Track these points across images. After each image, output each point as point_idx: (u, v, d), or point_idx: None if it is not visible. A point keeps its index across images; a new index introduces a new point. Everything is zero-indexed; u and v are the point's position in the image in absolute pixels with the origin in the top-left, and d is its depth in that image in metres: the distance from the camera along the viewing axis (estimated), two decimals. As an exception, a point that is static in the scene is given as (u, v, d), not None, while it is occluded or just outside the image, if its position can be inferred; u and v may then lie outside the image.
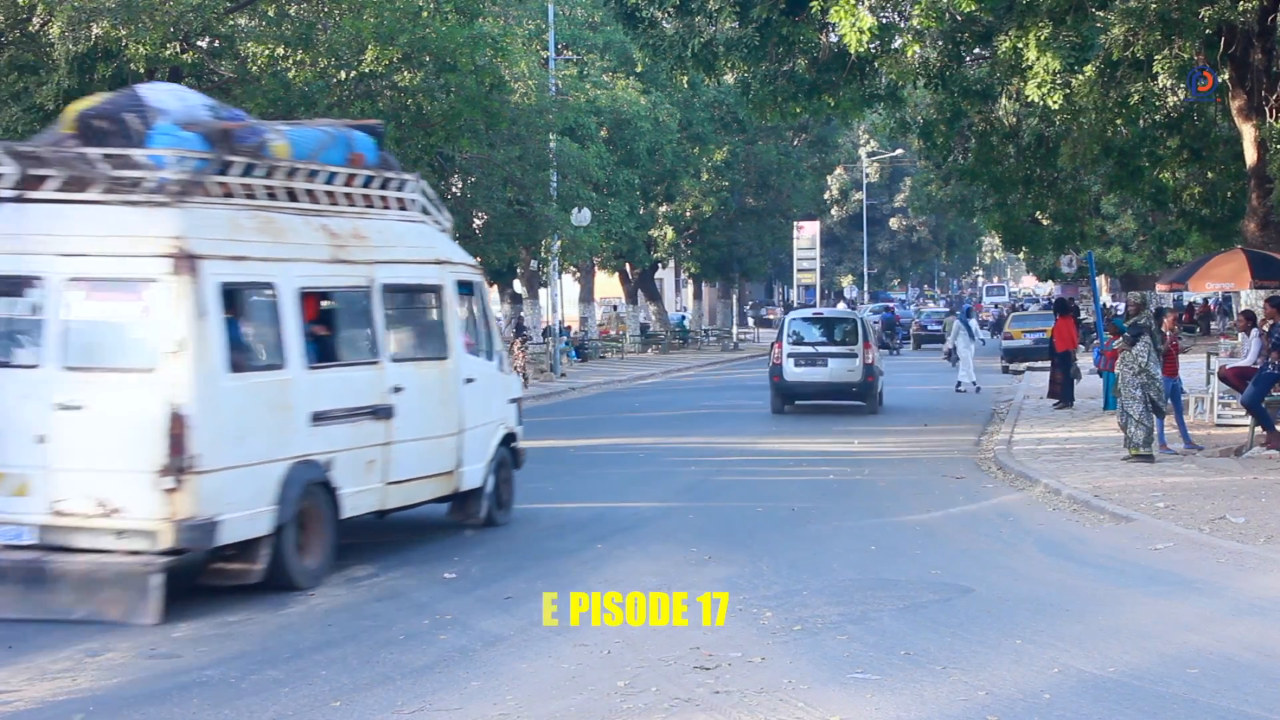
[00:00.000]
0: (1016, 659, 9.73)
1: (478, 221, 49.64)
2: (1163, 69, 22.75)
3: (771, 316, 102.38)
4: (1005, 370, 46.46)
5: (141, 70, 25.24)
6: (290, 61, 25.41)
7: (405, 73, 26.32)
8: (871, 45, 22.42)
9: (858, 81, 25.88)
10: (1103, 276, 64.56)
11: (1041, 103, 23.11)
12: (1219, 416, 24.67)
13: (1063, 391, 30.43)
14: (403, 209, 14.99)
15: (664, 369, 51.74)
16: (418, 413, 14.31)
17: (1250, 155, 23.57)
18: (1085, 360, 37.16)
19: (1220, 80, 22.96)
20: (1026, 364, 44.22)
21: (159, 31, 23.38)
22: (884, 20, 23.03)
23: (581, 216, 45.86)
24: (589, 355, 57.93)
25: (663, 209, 66.07)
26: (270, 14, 26.80)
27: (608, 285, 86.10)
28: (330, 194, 13.81)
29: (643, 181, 56.35)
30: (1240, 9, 21.80)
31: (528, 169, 44.53)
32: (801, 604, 11.53)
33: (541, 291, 61.04)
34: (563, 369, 46.67)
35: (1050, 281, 77.87)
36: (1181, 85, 24.67)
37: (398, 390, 13.97)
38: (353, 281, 13.80)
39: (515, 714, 8.68)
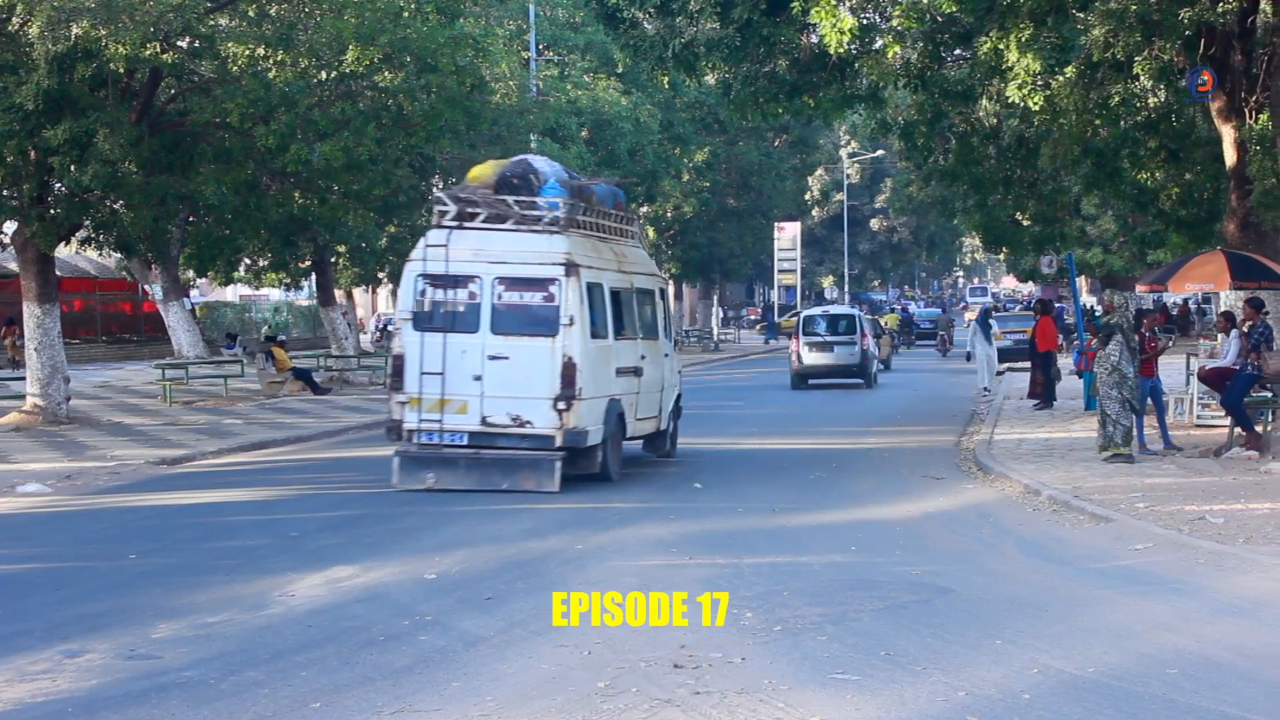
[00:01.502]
0: (996, 659, 9.74)
1: (458, 222, 49.59)
2: (1143, 70, 22.82)
3: (754, 316, 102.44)
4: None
5: (121, 70, 25.17)
6: (271, 62, 25.36)
7: (386, 73, 26.28)
8: (852, 46, 22.46)
9: (839, 82, 25.92)
10: (1083, 277, 64.68)
11: (1022, 104, 23.15)
12: (1198, 417, 24.75)
13: (1044, 392, 30.49)
14: (632, 238, 22.47)
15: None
16: (648, 374, 21.27)
17: (1230, 156, 23.64)
18: (1065, 361, 37.26)
19: (1186, 82, 23.02)
20: (1007, 365, 44.33)
21: (139, 31, 23.32)
22: (865, 21, 23.08)
23: (562, 217, 45.77)
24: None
25: (643, 210, 66.07)
26: (251, 14, 26.73)
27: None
28: (610, 228, 21.11)
29: (623, 182, 56.33)
30: (1220, 10, 21.89)
31: (509, 169, 44.42)
32: (782, 604, 11.53)
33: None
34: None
35: (1030, 282, 78.03)
36: (1161, 86, 24.76)
37: (642, 358, 21.13)
38: (625, 285, 20.82)
39: (495, 714, 8.66)
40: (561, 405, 18.35)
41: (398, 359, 19.02)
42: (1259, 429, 20.61)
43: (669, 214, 66.92)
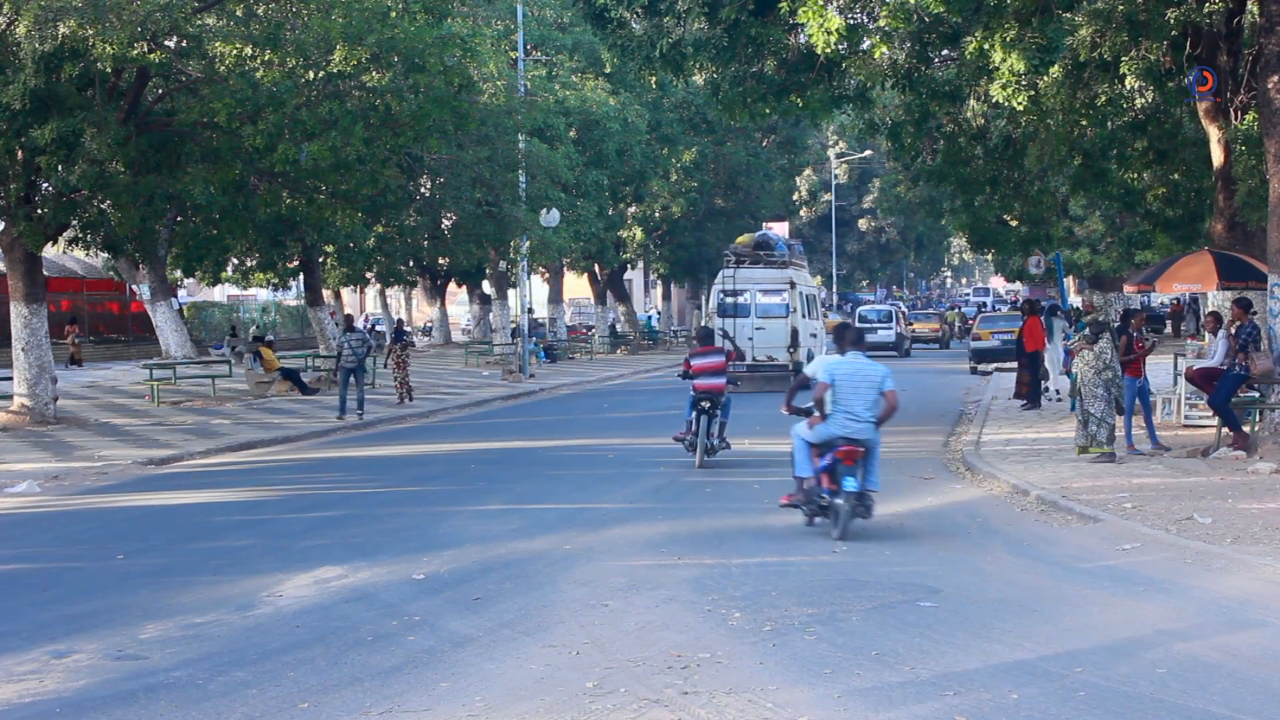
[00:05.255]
0: (984, 659, 9.75)
1: (446, 222, 49.62)
2: (1130, 70, 22.83)
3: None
4: (973, 371, 46.74)
5: (108, 70, 25.12)
6: (258, 61, 25.30)
7: (374, 73, 26.21)
8: (839, 46, 22.42)
9: (826, 82, 25.92)
10: (1071, 278, 64.73)
11: (1007, 104, 23.17)
12: (1186, 417, 24.80)
13: (1030, 392, 30.53)
14: (805, 268, 43.26)
15: (633, 369, 51.76)
16: (817, 338, 40.78)
17: (1216, 157, 23.67)
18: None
19: (1186, 82, 23.06)
20: (994, 365, 44.43)
21: (126, 31, 23.27)
22: (852, 21, 23.05)
23: (550, 217, 45.88)
24: (558, 356, 57.94)
25: (631, 210, 66.09)
26: (238, 14, 26.67)
27: (577, 286, 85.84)
28: (798, 264, 42.17)
29: (611, 182, 56.44)
30: (1206, 11, 21.91)
31: (497, 170, 44.47)
32: (770, 604, 11.54)
33: (510, 292, 60.97)
34: (531, 370, 46.61)
35: (1018, 282, 78.20)
36: (1149, 86, 24.78)
37: (815, 328, 41.23)
38: (808, 292, 41.49)
39: (483, 715, 8.66)
40: (791, 349, 38.80)
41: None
42: (1246, 429, 20.66)
43: (657, 214, 66.87)
